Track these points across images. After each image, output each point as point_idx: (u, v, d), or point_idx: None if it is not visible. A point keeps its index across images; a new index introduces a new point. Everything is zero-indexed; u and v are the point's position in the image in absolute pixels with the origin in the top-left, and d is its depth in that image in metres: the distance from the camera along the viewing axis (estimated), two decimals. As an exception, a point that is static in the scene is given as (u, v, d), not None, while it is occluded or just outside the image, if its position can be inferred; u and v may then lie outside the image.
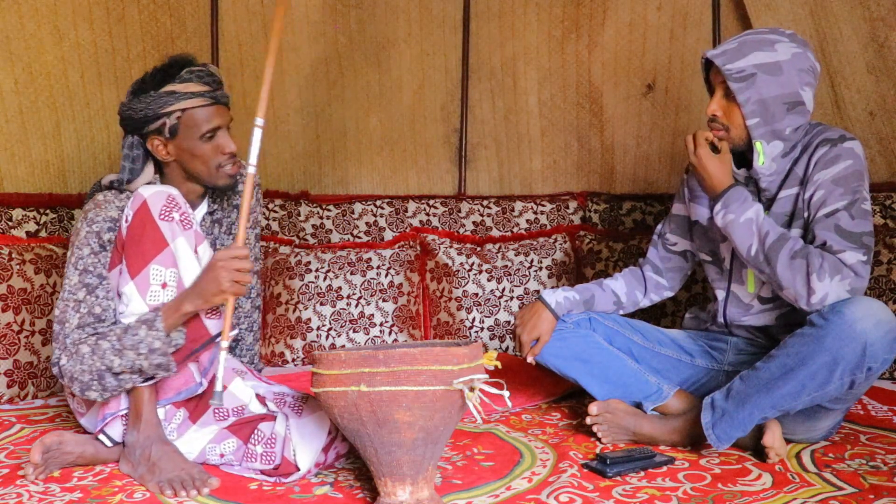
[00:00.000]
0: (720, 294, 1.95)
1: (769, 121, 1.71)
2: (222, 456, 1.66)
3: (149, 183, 1.72)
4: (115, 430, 1.64)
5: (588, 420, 1.82)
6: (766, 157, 1.73)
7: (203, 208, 1.84)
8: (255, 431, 1.64)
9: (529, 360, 1.93)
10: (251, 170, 1.54)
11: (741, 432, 1.66)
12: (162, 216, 1.59)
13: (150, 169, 1.74)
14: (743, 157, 1.82)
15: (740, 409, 1.64)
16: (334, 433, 1.63)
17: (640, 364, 1.96)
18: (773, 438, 1.64)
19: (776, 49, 1.69)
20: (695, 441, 1.76)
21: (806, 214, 1.74)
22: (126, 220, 1.61)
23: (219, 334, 1.60)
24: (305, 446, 1.59)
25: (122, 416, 1.63)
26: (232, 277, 1.53)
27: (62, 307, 1.61)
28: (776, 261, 1.66)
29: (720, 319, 1.96)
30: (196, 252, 1.65)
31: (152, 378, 1.59)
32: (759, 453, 1.68)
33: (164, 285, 1.58)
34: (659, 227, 2.08)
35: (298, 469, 1.58)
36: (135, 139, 1.72)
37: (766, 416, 1.65)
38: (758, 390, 1.63)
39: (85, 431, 1.76)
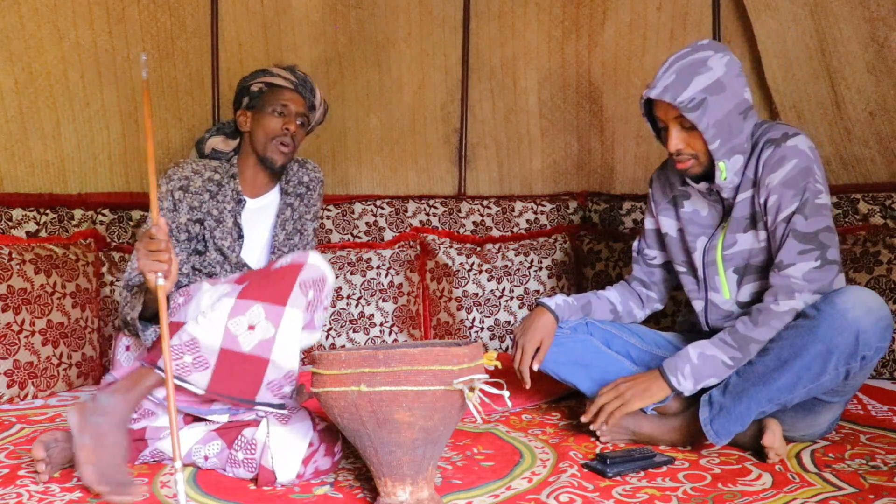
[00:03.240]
0: (698, 305, 1.95)
1: (728, 139, 1.70)
2: (206, 458, 1.63)
3: (216, 151, 2.00)
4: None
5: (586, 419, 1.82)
6: (728, 173, 1.74)
7: (275, 194, 2.03)
8: (239, 436, 1.61)
9: (535, 367, 1.90)
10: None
11: (739, 427, 1.66)
12: None
13: (234, 141, 2.01)
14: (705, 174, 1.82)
15: (737, 403, 1.65)
16: (315, 445, 1.58)
17: (638, 366, 1.97)
18: (773, 438, 1.64)
19: (711, 66, 1.68)
20: (694, 439, 1.76)
21: (766, 219, 1.75)
22: None
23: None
24: (283, 455, 1.54)
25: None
26: (146, 257, 1.47)
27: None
28: (755, 348, 1.67)
29: (705, 329, 1.96)
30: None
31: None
32: (760, 453, 1.68)
33: None
34: (635, 244, 2.09)
35: (277, 478, 1.54)
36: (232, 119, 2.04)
37: (763, 411, 1.65)
38: (754, 383, 1.64)
39: None
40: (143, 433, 1.64)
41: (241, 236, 1.94)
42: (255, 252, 1.98)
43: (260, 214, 2.00)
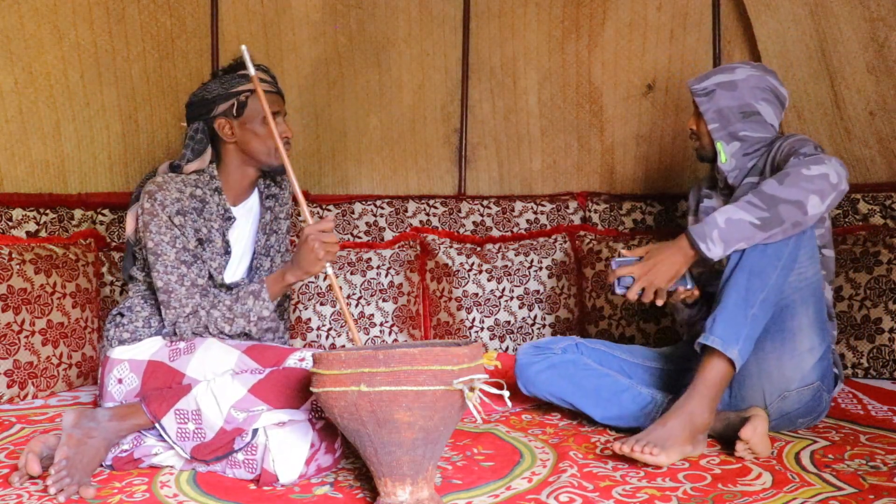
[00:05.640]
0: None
1: (725, 125, 1.97)
2: (208, 463, 1.64)
3: (198, 170, 1.84)
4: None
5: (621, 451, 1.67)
6: (726, 154, 1.98)
7: (255, 198, 1.97)
8: (237, 438, 1.61)
9: (659, 303, 1.80)
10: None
11: (736, 327, 1.65)
12: None
13: (207, 154, 1.85)
14: (712, 163, 2.05)
15: (723, 300, 1.68)
16: (317, 445, 1.60)
17: (632, 379, 2.01)
18: (751, 432, 1.63)
19: (735, 72, 1.99)
20: (708, 398, 1.68)
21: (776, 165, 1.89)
22: None
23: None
24: (285, 457, 1.56)
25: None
26: (324, 248, 1.68)
27: (165, 280, 1.76)
28: (785, 209, 1.64)
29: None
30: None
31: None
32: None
33: None
34: None
35: (279, 479, 1.55)
36: (200, 125, 1.85)
37: (753, 305, 1.66)
38: (730, 284, 1.69)
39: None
40: (132, 455, 1.67)
41: (228, 252, 1.87)
42: (235, 261, 1.91)
43: (242, 223, 1.93)
